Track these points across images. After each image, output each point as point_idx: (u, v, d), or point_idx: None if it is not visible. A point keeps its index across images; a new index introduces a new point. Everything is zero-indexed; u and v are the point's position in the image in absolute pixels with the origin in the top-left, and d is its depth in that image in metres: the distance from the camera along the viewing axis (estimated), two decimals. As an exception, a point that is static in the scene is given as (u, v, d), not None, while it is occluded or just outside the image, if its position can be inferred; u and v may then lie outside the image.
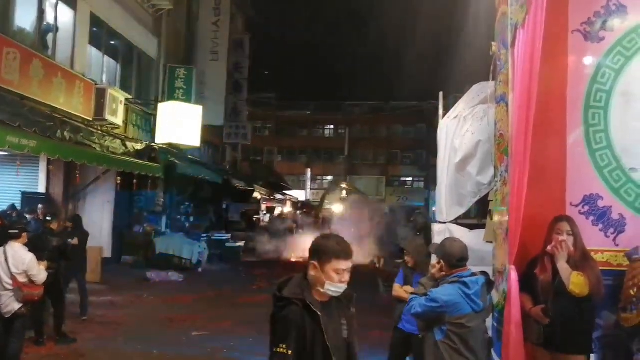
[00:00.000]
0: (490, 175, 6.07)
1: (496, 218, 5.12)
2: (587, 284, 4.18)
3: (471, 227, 7.14)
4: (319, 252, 2.95)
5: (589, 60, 4.72)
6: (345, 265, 2.94)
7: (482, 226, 6.55)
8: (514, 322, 4.16)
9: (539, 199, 4.48)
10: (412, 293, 4.38)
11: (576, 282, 4.17)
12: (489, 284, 4.25)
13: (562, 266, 4.26)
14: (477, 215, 7.24)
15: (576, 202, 4.65)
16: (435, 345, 4.07)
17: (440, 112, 7.64)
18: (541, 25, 3.97)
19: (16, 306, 6.88)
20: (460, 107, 7.06)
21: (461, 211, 6.99)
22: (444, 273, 4.23)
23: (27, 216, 11.93)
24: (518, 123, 4.19)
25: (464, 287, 4.00)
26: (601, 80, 4.66)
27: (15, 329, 6.96)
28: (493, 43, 5.43)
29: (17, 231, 7.05)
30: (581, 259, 4.33)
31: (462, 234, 6.85)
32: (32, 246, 7.18)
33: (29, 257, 6.96)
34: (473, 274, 4.16)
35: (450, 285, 4.06)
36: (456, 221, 7.14)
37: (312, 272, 2.95)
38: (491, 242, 5.38)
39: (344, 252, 2.95)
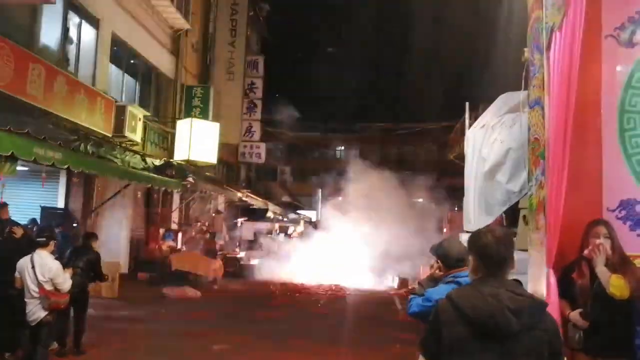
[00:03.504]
0: (520, 182, 6.03)
1: (532, 222, 5.07)
2: (627, 287, 4.09)
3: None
4: None
5: (623, 66, 4.68)
6: None
7: (512, 235, 6.47)
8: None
9: (575, 204, 4.41)
10: (411, 293, 4.33)
11: (616, 285, 4.10)
12: None
13: (601, 269, 4.19)
14: (508, 224, 7.19)
15: (613, 207, 4.58)
16: None
17: (467, 122, 7.64)
18: (580, 26, 3.98)
19: (42, 314, 6.91)
20: (487, 116, 7.06)
21: (489, 220, 6.91)
22: (442, 273, 4.19)
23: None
24: (556, 125, 4.17)
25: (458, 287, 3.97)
26: (636, 84, 4.59)
27: (40, 337, 6.98)
28: (525, 49, 5.43)
29: (44, 239, 7.10)
30: (620, 262, 4.25)
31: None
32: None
33: (55, 265, 7.01)
34: None
35: (446, 285, 3.98)
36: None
37: None
38: (524, 250, 5.32)
39: None
